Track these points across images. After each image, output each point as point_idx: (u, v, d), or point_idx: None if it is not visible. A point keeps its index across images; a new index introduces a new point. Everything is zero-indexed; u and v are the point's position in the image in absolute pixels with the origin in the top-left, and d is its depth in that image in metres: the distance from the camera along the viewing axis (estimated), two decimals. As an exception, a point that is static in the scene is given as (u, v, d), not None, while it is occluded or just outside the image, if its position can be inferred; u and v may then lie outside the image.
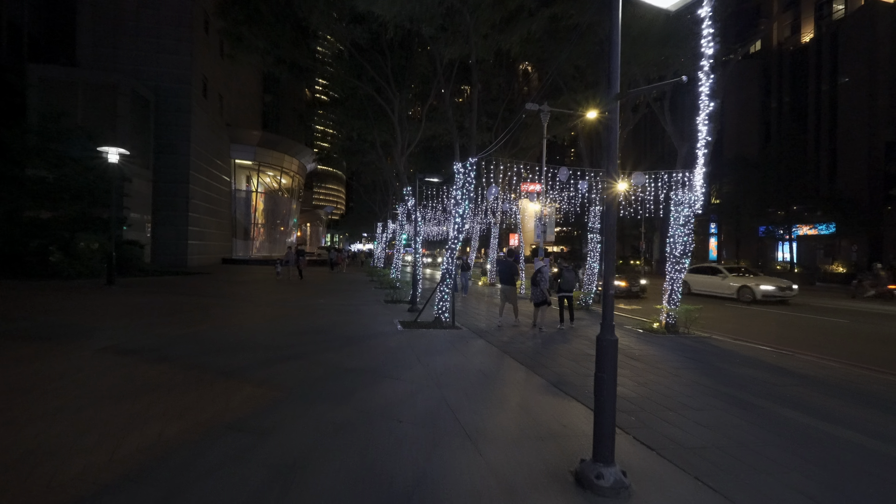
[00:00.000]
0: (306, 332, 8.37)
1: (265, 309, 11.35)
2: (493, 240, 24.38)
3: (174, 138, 26.15)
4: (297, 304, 12.65)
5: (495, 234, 24.54)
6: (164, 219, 25.92)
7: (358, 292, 16.65)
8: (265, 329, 8.49)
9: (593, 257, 15.78)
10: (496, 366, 6.48)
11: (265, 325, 9.02)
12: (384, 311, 11.74)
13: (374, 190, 33.37)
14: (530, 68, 24.22)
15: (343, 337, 8.01)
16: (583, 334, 9.74)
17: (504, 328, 9.97)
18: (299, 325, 9.10)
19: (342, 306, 12.48)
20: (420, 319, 10.04)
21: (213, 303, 11.97)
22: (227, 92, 35.55)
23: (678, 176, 12.30)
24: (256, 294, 14.73)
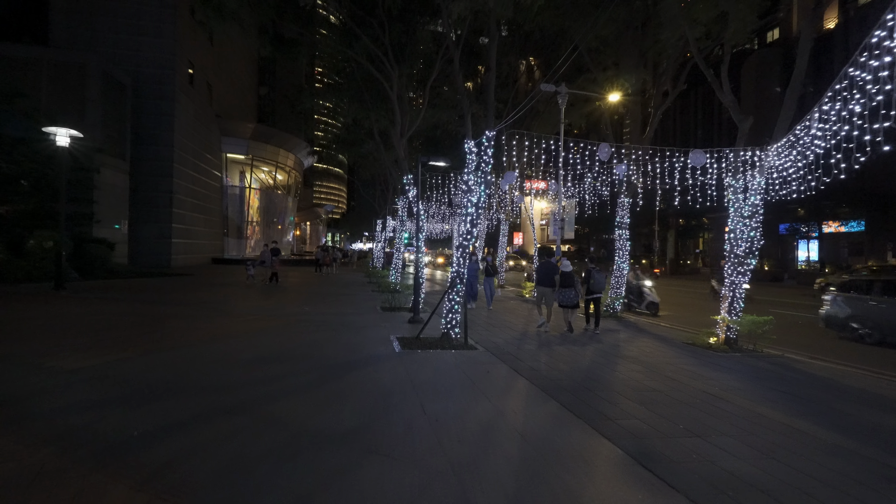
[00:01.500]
0: (271, 358, 6.29)
1: (232, 321, 9.31)
2: (502, 238, 22.33)
3: (156, 128, 24.17)
4: (276, 313, 10.61)
5: (504, 232, 22.47)
6: (144, 215, 23.94)
7: (352, 297, 14.60)
8: (217, 354, 6.43)
9: (622, 257, 13.71)
10: (537, 419, 4.42)
11: (220, 347, 6.96)
12: (380, 323, 9.69)
13: (374, 185, 31.36)
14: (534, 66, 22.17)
15: (320, 367, 5.94)
16: (627, 353, 7.67)
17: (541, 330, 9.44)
18: (266, 347, 7.05)
19: (329, 316, 10.43)
20: (424, 335, 8.00)
21: (172, 313, 9.93)
22: (218, 82, 33.55)
23: (730, 157, 10.19)
24: (231, 300, 12.70)
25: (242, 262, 33.71)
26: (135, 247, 22.95)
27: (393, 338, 8.05)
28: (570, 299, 9.36)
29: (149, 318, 9.20)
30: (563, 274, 9.37)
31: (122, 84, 20.15)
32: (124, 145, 20.51)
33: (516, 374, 6.05)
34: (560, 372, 6.22)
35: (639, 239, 54.12)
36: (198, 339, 7.28)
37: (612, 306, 13.25)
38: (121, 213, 20.29)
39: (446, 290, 7.99)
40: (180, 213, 25.81)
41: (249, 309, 11.09)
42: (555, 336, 9.12)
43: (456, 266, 7.95)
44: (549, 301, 9.49)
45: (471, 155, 8.47)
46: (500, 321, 10.90)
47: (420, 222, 10.47)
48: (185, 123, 26.12)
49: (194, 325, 8.53)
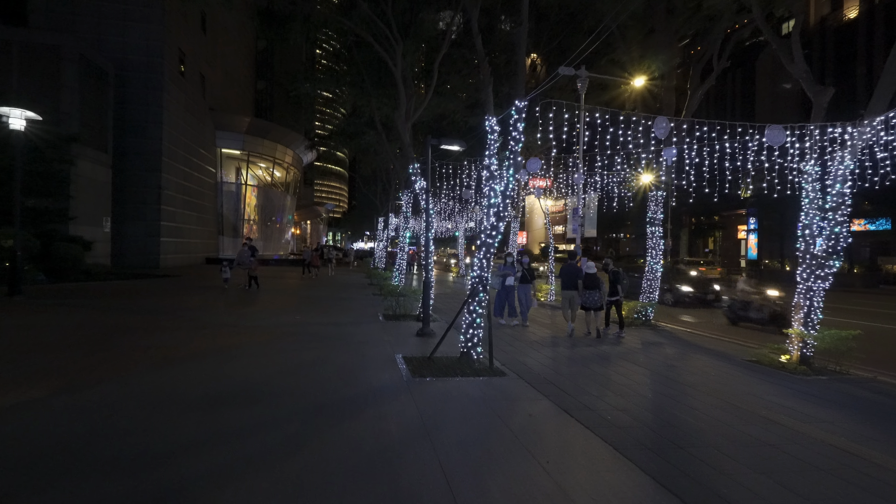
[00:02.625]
0: (237, 396, 4.71)
1: (202, 336, 7.76)
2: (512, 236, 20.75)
3: (143, 120, 22.65)
4: (260, 323, 9.07)
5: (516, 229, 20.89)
6: (131, 212, 22.43)
7: (350, 303, 13.05)
8: (162, 390, 4.86)
9: (654, 257, 12.14)
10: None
11: (172, 376, 5.41)
12: (382, 336, 8.14)
13: (375, 182, 29.84)
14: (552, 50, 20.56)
15: (302, 411, 4.37)
16: (688, 377, 6.09)
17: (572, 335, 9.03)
18: (233, 377, 5.49)
19: (323, 327, 8.89)
20: (437, 354, 6.46)
21: (131, 325, 8.39)
22: (212, 73, 32.02)
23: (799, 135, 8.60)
24: (210, 307, 11.17)
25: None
26: (120, 246, 21.44)
27: (399, 358, 6.50)
28: (594, 302, 8.87)
29: (100, 331, 7.65)
30: (587, 275, 8.90)
31: (104, 70, 18.65)
32: (106, 136, 19.01)
33: (567, 415, 4.49)
34: (624, 412, 4.66)
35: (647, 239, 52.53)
36: (146, 364, 5.72)
37: (645, 312, 11.69)
38: (102, 210, 18.81)
39: (465, 299, 6.44)
40: (170, 211, 24.30)
41: (229, 318, 9.54)
42: (591, 351, 7.56)
43: (478, 269, 6.39)
44: (575, 305, 9.18)
45: (493, 134, 6.93)
46: (522, 333, 9.34)
47: (430, 217, 8.91)
48: (176, 115, 24.60)
49: (152, 342, 6.98)
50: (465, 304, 6.44)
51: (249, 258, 14.31)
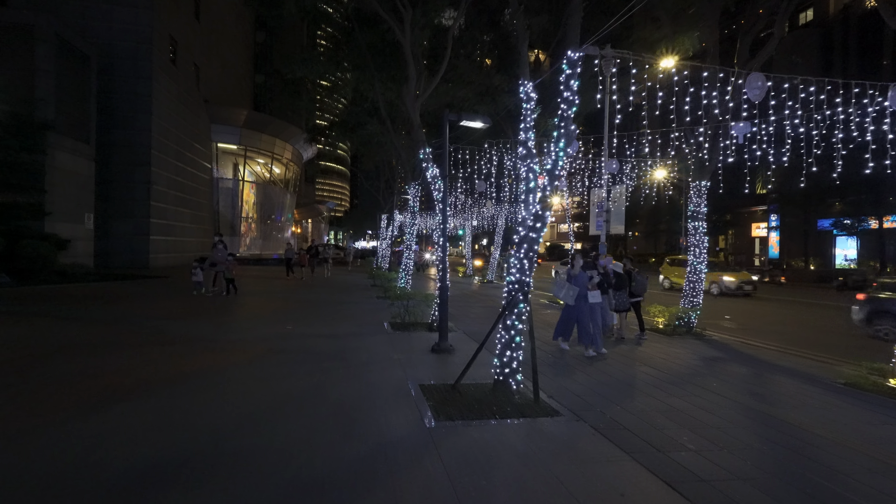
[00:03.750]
0: (178, 465, 3.13)
1: (169, 356, 6.30)
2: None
3: (131, 110, 21.23)
4: (241, 336, 7.61)
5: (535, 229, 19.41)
6: (118, 209, 21.02)
7: (352, 308, 11.59)
8: (79, 456, 3.33)
9: (698, 256, 10.66)
10: None
11: (106, 426, 3.93)
12: (390, 353, 6.66)
13: (377, 177, 28.36)
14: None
15: (276, 493, 2.90)
16: (777, 411, 4.57)
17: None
18: (183, 429, 3.98)
19: (318, 341, 7.41)
20: (464, 380, 5.00)
21: (88, 340, 6.93)
22: (207, 64, 30.59)
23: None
24: (188, 315, 9.71)
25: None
26: (105, 245, 20.02)
27: (415, 387, 5.03)
28: (623, 303, 8.51)
29: (41, 350, 6.18)
30: (617, 276, 8.42)
31: (84, 55, 17.23)
32: (88, 126, 17.59)
33: (674, 493, 3.00)
34: (748, 482, 3.18)
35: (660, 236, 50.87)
36: (77, 404, 4.24)
37: (687, 319, 10.21)
38: (84, 206, 17.40)
39: (501, 312, 4.97)
40: (161, 207, 22.88)
41: (206, 329, 8.07)
42: (645, 372, 6.06)
43: (517, 273, 4.91)
44: None
45: (529, 103, 5.48)
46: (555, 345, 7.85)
47: (447, 209, 7.41)
48: (166, 106, 23.17)
49: (100, 366, 5.51)
50: (500, 317, 4.96)
51: (226, 257, 12.42)
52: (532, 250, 4.91)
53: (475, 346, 7.41)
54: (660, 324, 10.56)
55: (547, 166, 4.88)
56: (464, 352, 6.97)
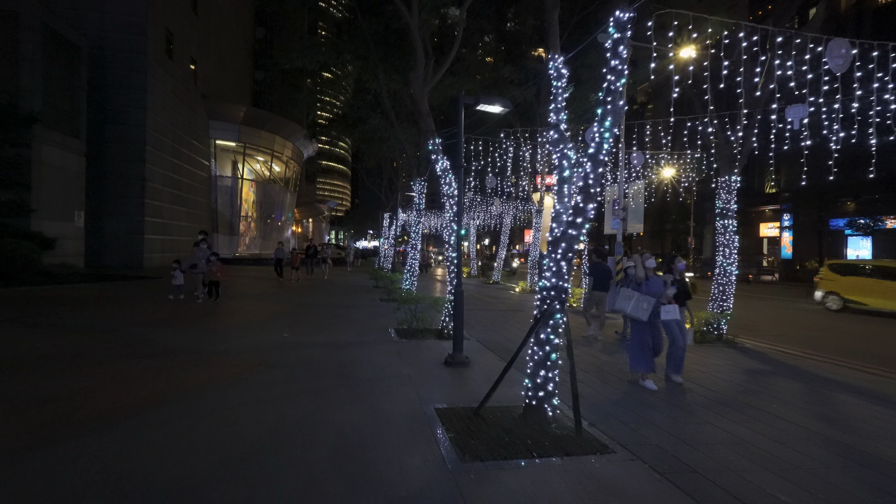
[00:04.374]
0: None
1: (142, 373, 5.51)
2: (535, 232, 18.50)
3: (125, 104, 20.47)
4: (230, 346, 6.82)
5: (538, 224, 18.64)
6: (110, 207, 20.27)
7: (353, 312, 10.81)
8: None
9: (727, 256, 9.87)
10: None
11: (34, 482, 3.17)
12: (399, 367, 5.86)
13: (380, 174, 27.57)
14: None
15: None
16: (867, 445, 3.77)
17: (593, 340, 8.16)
18: (138, 482, 3.22)
19: (316, 352, 6.62)
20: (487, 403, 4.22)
21: (53, 353, 6.13)
22: (204, 59, 29.83)
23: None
24: (174, 321, 8.92)
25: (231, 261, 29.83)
26: (96, 244, 19.26)
27: (431, 412, 4.24)
28: None
29: None
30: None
31: (75, 45, 16.47)
32: (78, 120, 16.83)
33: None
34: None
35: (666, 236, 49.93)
36: (10, 445, 3.46)
37: (718, 325, 9.42)
38: (74, 203, 16.65)
39: (533, 324, 4.17)
40: (156, 205, 22.12)
41: (190, 338, 7.28)
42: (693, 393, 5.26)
43: (553, 277, 4.11)
44: (603, 308, 8.52)
45: (559, 81, 4.72)
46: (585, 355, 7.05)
47: (462, 203, 6.60)
48: (162, 101, 22.41)
49: (59, 387, 4.71)
50: (532, 330, 4.16)
51: (209, 258, 10.88)
52: (571, 250, 4.11)
53: (492, 358, 6.65)
54: (686, 330, 9.78)
55: (590, 150, 4.08)
56: (481, 364, 6.18)
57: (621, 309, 5.65)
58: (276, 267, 17.92)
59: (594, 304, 8.60)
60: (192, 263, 11.02)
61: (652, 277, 5.69)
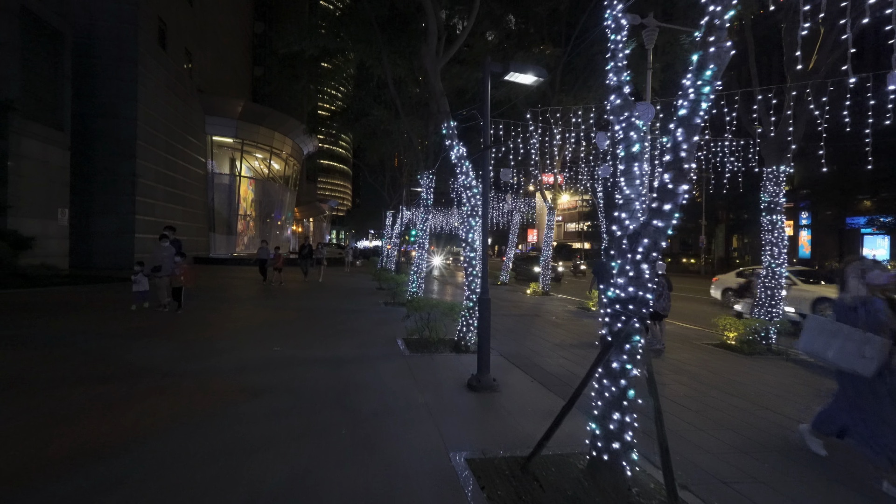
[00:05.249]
0: None
1: (92, 402, 4.44)
2: (548, 231, 17.40)
3: (114, 97, 19.41)
4: (209, 363, 5.73)
5: (551, 223, 17.55)
6: (99, 205, 19.22)
7: (355, 319, 9.73)
8: None
9: (776, 256, 8.80)
10: None
11: None
12: (412, 393, 4.76)
13: (382, 171, 26.50)
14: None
15: None
16: None
17: None
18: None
19: (312, 373, 5.53)
20: (528, 452, 3.11)
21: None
22: (200, 52, 28.77)
23: None
24: (150, 331, 7.86)
25: (229, 261, 28.71)
26: (84, 244, 18.21)
27: (461, 468, 3.14)
28: (664, 308, 7.70)
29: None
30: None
31: (58, 31, 15.42)
32: (62, 111, 15.79)
33: None
34: None
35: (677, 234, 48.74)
36: None
37: (765, 334, 8.33)
38: (56, 200, 15.61)
39: (603, 350, 3.06)
40: (148, 203, 21.06)
41: (164, 351, 6.19)
42: (774, 419, 4.16)
43: (630, 286, 3.01)
44: None
45: (619, 34, 3.65)
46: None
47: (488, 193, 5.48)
48: (154, 93, 21.34)
49: None
50: (599, 358, 3.05)
51: (173, 259, 9.10)
52: (656, 248, 3.02)
53: (522, 378, 5.55)
54: (730, 339, 8.69)
55: (681, 111, 2.98)
56: (512, 388, 5.09)
57: (815, 353, 3.53)
58: (261, 269, 16.47)
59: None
60: (156, 266, 9.15)
61: (875, 303, 3.33)
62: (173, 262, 9.12)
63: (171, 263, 9.12)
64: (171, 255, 9.14)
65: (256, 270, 17.54)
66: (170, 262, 9.12)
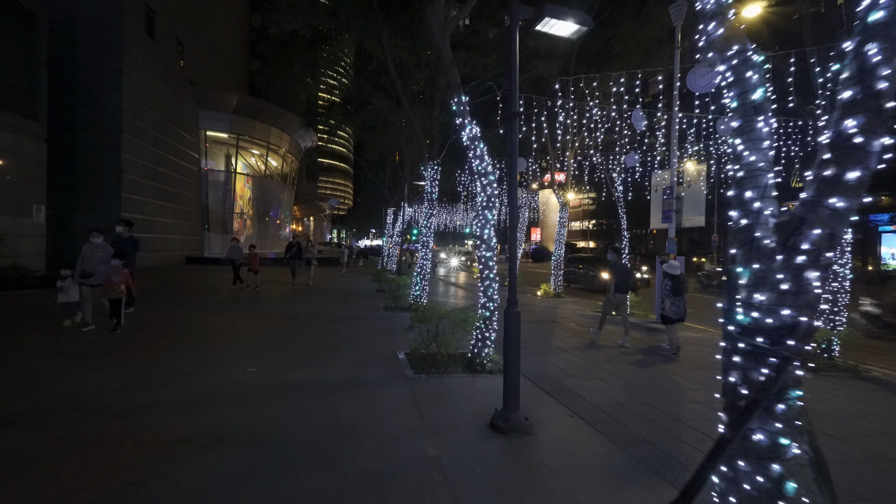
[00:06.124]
0: None
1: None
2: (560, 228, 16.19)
3: (97, 86, 18.25)
4: (165, 393, 4.55)
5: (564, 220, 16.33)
6: (81, 201, 18.07)
7: (351, 329, 8.54)
8: None
9: (840, 255, 7.59)
10: None
11: None
12: (417, 438, 3.55)
13: (383, 166, 25.31)
14: None
15: None
16: None
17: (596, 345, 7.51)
18: None
19: (291, 409, 4.33)
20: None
21: None
22: (193, 42, 27.59)
23: None
24: (105, 347, 6.69)
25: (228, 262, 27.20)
26: (63, 243, 17.04)
27: None
28: (681, 311, 7.25)
29: None
30: (673, 278, 7.23)
31: (31, 14, 14.25)
32: (37, 101, 14.64)
33: None
34: None
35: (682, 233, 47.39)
36: None
37: (827, 345, 7.19)
38: (31, 195, 14.46)
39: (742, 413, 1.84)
40: (135, 200, 19.90)
41: (110, 375, 5.02)
42: None
43: (786, 307, 1.80)
44: (624, 311, 8.19)
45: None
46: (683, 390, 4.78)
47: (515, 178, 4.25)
48: (141, 84, 20.17)
49: None
50: (737, 427, 1.83)
51: (109, 262, 7.04)
52: (831, 243, 1.82)
53: (557, 411, 4.43)
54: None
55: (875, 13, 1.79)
56: (550, 428, 3.89)
57: None
58: (234, 271, 14.09)
59: (614, 307, 7.97)
60: (86, 271, 7.04)
61: None
62: (109, 265, 6.95)
63: (106, 268, 6.95)
64: (105, 256, 7.10)
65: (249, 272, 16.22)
66: (104, 266, 6.99)
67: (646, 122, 9.71)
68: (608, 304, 8.01)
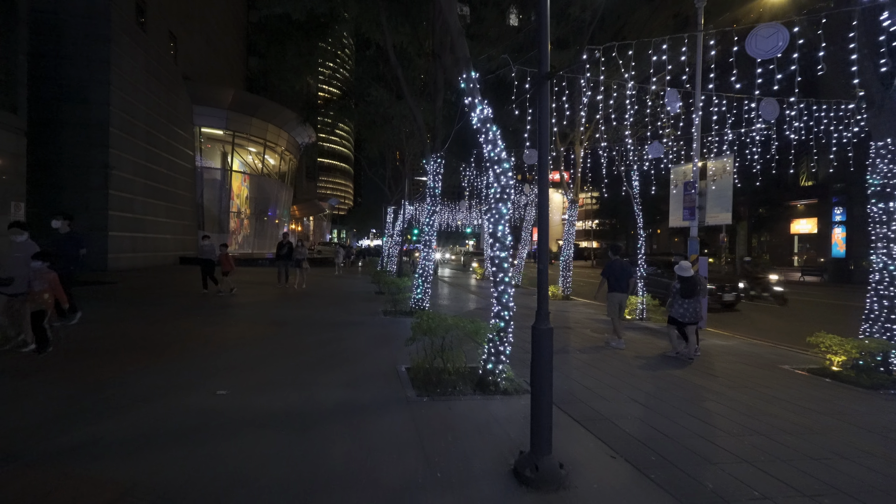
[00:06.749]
0: None
1: None
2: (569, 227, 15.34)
3: (83, 79, 17.43)
4: (109, 425, 3.69)
5: (573, 218, 15.49)
6: (67, 200, 17.23)
7: (348, 337, 7.69)
8: None
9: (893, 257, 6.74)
10: None
11: None
12: (421, 497, 2.70)
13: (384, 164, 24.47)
14: None
15: None
16: None
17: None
18: None
19: (267, 448, 3.47)
20: None
21: None
22: (186, 36, 26.77)
23: None
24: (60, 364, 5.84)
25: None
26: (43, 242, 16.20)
27: None
28: (694, 315, 6.86)
29: None
30: (684, 280, 6.86)
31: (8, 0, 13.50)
32: (16, 91, 13.83)
33: None
34: None
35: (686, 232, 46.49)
36: None
37: (885, 358, 6.35)
38: (9, 192, 13.62)
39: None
40: (124, 198, 19.07)
41: (37, 406, 4.18)
42: None
43: None
44: (620, 312, 7.72)
45: None
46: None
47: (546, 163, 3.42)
48: (131, 77, 19.34)
49: None
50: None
51: (28, 266, 5.55)
52: None
53: (595, 448, 3.73)
54: (835, 363, 6.65)
55: None
56: (590, 477, 3.03)
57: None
58: (207, 271, 12.45)
59: (616, 307, 7.73)
60: (6, 278, 5.62)
61: None
62: (29, 270, 5.53)
63: (27, 273, 5.55)
64: (26, 258, 5.63)
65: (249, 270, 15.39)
66: (24, 269, 5.58)
67: (681, 104, 8.82)
68: (612, 306, 7.70)
